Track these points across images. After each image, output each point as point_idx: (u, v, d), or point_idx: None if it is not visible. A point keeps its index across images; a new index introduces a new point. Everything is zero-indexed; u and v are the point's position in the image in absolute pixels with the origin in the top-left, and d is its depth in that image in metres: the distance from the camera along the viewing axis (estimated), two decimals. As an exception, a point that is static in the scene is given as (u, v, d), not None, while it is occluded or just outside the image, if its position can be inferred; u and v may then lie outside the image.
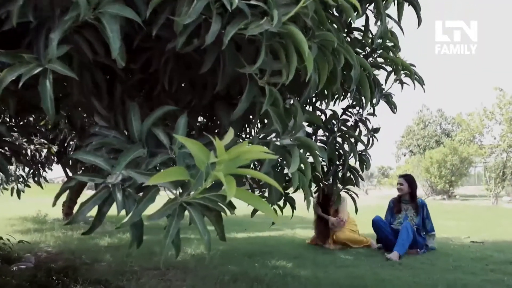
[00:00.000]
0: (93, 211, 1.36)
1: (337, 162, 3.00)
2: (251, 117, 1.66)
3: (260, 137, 1.32)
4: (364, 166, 3.07)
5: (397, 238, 4.69)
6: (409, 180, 5.21)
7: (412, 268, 3.86)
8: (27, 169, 6.39)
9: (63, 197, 9.32)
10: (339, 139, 2.80)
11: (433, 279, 3.43)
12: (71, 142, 5.82)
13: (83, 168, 6.55)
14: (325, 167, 3.11)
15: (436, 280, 3.38)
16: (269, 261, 4.20)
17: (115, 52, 1.00)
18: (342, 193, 5.73)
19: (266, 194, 2.81)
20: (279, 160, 1.37)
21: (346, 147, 2.74)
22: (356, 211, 5.28)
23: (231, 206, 1.21)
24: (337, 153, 2.83)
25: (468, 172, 21.84)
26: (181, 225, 1.20)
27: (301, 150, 1.55)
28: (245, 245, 5.41)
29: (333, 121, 2.85)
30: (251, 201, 1.01)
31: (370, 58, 2.31)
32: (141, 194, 1.19)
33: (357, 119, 3.05)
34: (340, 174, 3.02)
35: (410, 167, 21.68)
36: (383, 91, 2.92)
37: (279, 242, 5.72)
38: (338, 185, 3.16)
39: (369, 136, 3.01)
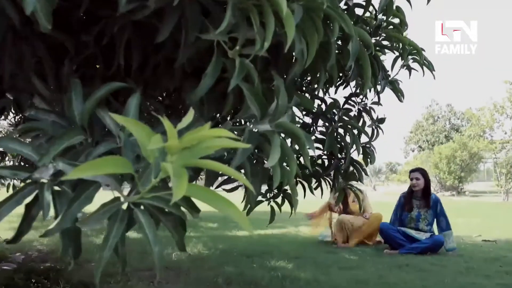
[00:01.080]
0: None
1: (339, 156, 2.75)
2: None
3: (235, 122, 1.08)
4: (369, 160, 2.81)
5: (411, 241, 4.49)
6: (425, 174, 4.88)
7: (420, 270, 3.61)
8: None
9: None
10: (340, 130, 2.55)
11: (443, 282, 3.18)
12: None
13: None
14: (326, 161, 2.88)
15: (447, 285, 3.12)
16: (269, 261, 3.97)
17: (29, 6, 0.76)
18: (359, 188, 5.58)
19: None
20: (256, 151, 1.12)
21: (348, 139, 2.48)
22: (360, 208, 5.09)
23: (194, 209, 0.97)
24: (338, 145, 2.58)
25: (477, 168, 21.47)
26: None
27: (289, 140, 1.31)
28: (245, 243, 5.17)
29: (334, 110, 2.60)
30: (214, 202, 0.76)
31: (373, 39, 2.05)
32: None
33: (361, 109, 2.79)
34: (342, 169, 2.77)
35: (419, 163, 21.31)
36: (389, 77, 2.67)
37: (281, 241, 5.48)
38: (340, 180, 2.92)
39: (373, 127, 2.76)
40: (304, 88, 2.55)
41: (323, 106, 2.64)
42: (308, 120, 2.64)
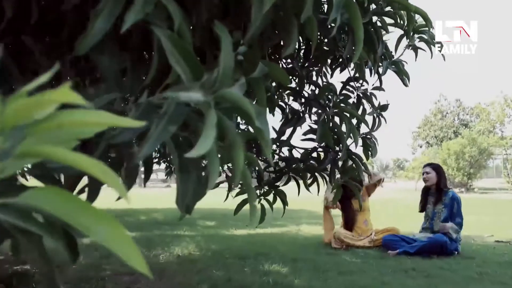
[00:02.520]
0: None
1: (337, 148, 2.42)
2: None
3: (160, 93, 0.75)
4: (370, 153, 2.48)
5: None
6: (436, 168, 4.58)
7: (428, 275, 3.26)
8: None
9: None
10: (338, 120, 2.21)
11: (454, 290, 2.84)
12: None
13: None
14: (322, 154, 2.56)
15: (458, 293, 2.79)
16: (262, 264, 3.64)
17: None
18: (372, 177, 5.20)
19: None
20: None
21: (344, 128, 2.14)
22: (361, 207, 4.74)
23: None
24: (335, 136, 2.25)
25: (486, 164, 20.98)
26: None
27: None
28: (241, 244, 4.85)
29: (329, 96, 2.26)
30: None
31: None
32: None
33: (360, 95, 2.45)
34: (340, 163, 2.43)
35: (427, 159, 20.86)
36: (392, 58, 2.32)
37: (279, 241, 5.14)
38: (338, 176, 2.60)
39: (374, 115, 2.42)
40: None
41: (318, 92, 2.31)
42: (298, 107, 2.31)
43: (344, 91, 2.40)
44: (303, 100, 2.17)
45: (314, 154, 2.59)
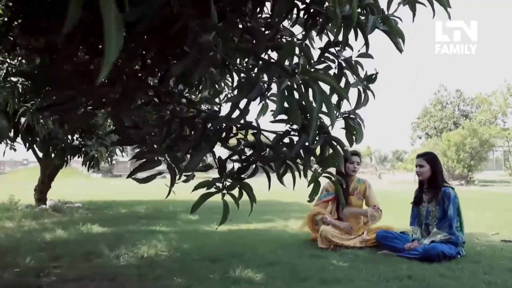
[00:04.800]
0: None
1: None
2: None
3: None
4: (354, 138, 1.95)
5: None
6: (430, 160, 3.91)
7: (428, 285, 2.74)
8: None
9: (29, 181, 8.36)
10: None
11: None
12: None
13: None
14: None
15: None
16: (235, 269, 3.13)
17: None
18: (361, 176, 4.66)
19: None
20: None
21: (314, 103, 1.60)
22: (343, 205, 4.23)
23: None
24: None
25: (487, 156, 20.44)
26: None
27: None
28: (217, 242, 4.34)
29: (297, 60, 1.73)
30: None
31: None
32: None
33: (342, 63, 1.92)
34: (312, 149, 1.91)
35: (426, 150, 20.33)
36: (382, 12, 1.78)
37: (261, 238, 4.63)
38: (315, 166, 2.09)
39: (360, 87, 1.88)
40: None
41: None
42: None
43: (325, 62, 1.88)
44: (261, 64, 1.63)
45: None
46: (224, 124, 2.09)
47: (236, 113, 1.76)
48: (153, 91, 2.03)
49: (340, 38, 1.93)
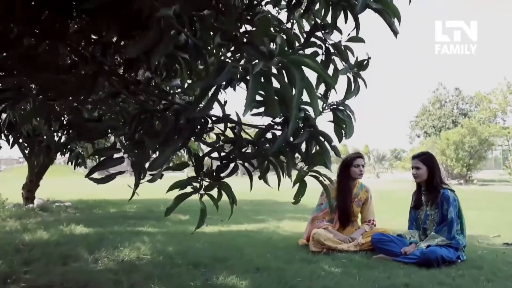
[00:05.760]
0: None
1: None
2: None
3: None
4: (343, 132, 1.72)
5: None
6: (427, 160, 3.66)
7: (425, 294, 2.52)
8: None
9: (23, 180, 8.12)
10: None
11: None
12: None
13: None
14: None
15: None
16: (218, 275, 2.90)
17: None
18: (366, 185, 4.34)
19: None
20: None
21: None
22: (331, 208, 3.97)
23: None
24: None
25: (486, 155, 20.24)
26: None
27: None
28: (204, 245, 4.10)
29: (276, 42, 1.49)
30: None
31: None
32: None
33: (330, 48, 1.69)
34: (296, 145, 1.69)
35: (425, 149, 20.11)
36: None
37: (251, 241, 4.40)
38: (301, 164, 1.89)
39: (349, 75, 1.65)
40: None
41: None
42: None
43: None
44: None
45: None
46: (201, 118, 1.87)
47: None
48: (119, 80, 1.80)
49: (329, 20, 1.71)
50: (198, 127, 1.85)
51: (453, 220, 3.42)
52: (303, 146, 1.77)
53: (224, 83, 1.52)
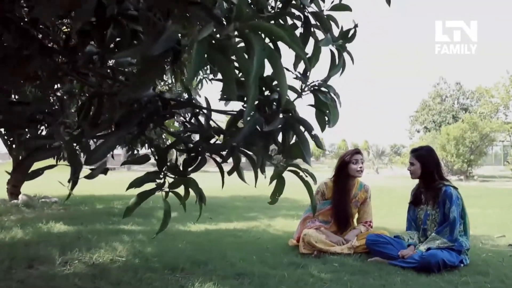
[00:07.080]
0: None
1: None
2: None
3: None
4: (327, 120, 1.42)
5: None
6: (420, 156, 3.35)
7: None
8: None
9: (7, 175, 7.83)
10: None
11: None
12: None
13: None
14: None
15: None
16: (194, 281, 2.61)
17: None
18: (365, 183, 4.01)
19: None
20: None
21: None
22: (314, 209, 3.65)
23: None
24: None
25: (487, 151, 19.94)
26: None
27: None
28: (185, 245, 3.81)
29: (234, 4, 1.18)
30: None
31: None
32: None
33: (308, 16, 1.37)
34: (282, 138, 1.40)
35: (425, 144, 19.78)
36: None
37: (237, 241, 4.11)
38: (277, 157, 1.60)
39: (332, 48, 1.35)
40: None
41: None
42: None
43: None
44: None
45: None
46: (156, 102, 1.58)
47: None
48: (56, 55, 1.49)
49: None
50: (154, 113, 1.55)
51: (456, 220, 3.12)
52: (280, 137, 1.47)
53: (169, 56, 1.22)
